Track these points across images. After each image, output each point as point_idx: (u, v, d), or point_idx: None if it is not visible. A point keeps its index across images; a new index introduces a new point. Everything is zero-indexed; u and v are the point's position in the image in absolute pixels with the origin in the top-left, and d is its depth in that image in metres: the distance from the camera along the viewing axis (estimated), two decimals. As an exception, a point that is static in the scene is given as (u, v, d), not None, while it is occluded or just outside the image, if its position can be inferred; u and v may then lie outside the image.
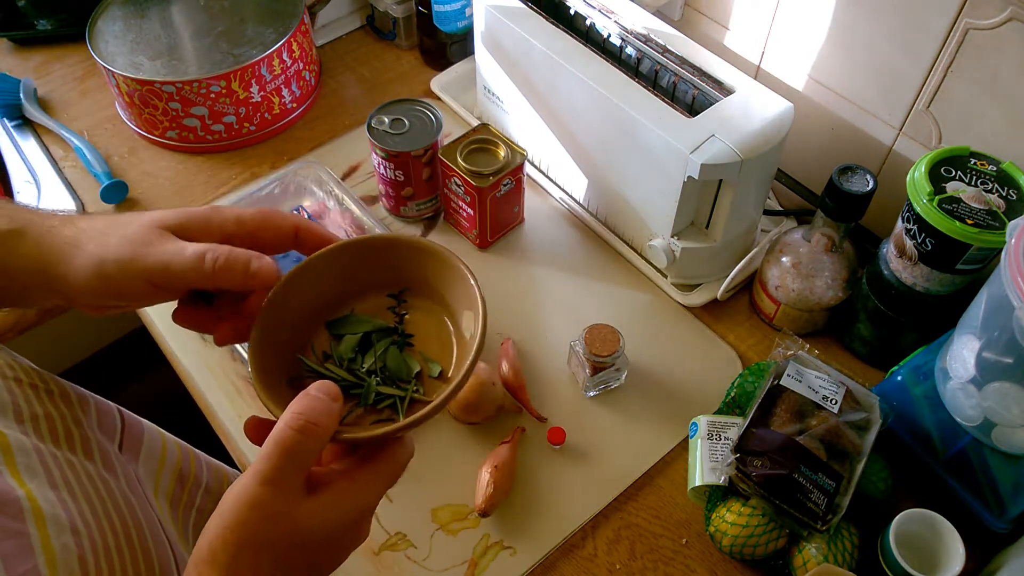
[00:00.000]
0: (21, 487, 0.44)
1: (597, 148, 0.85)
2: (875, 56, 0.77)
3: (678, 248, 0.82)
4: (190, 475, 0.69)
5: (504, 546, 0.71)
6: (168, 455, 0.67)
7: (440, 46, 1.10)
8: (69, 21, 1.16)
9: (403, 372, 0.50)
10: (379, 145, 0.87)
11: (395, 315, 0.53)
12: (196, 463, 0.70)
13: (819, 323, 0.83)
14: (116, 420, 0.61)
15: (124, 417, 0.63)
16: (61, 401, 0.55)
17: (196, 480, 0.70)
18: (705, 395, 0.79)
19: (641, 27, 0.85)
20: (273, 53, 0.98)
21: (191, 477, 0.69)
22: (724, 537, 0.66)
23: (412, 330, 0.52)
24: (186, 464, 0.69)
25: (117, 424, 0.61)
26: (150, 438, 0.65)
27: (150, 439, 0.65)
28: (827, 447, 0.65)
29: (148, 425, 0.66)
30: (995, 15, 0.66)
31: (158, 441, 0.66)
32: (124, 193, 0.97)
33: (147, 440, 0.65)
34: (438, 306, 0.53)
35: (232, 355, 0.83)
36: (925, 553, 0.64)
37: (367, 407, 0.48)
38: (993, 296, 0.62)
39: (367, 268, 0.52)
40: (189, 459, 0.70)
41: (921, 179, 0.68)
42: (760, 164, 0.75)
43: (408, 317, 0.52)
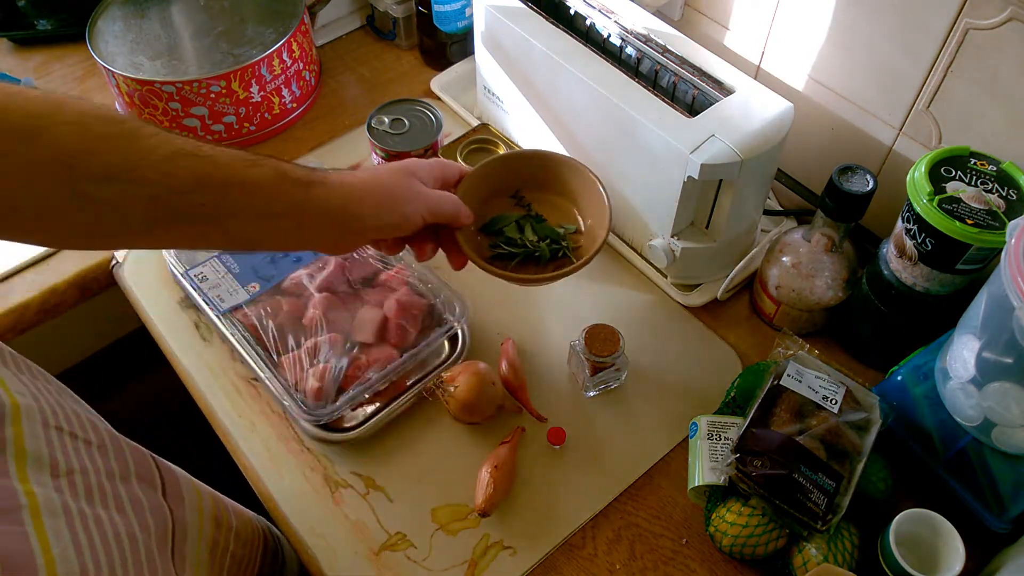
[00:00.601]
0: (45, 554, 0.43)
1: (597, 148, 0.85)
2: (875, 56, 0.77)
3: (678, 248, 0.82)
4: (224, 520, 0.69)
5: (504, 546, 0.71)
6: (203, 501, 0.66)
7: (440, 46, 1.10)
8: (69, 21, 1.16)
9: (554, 235, 0.74)
10: (379, 145, 0.86)
11: (523, 207, 0.76)
12: (225, 508, 0.70)
13: (819, 323, 0.83)
14: (153, 470, 0.60)
15: (160, 465, 0.62)
16: (99, 454, 0.53)
17: (228, 525, 0.70)
18: (705, 395, 0.79)
19: (641, 27, 0.85)
20: (273, 53, 0.98)
21: (224, 522, 0.69)
22: (724, 537, 0.66)
23: (539, 212, 0.76)
24: (219, 509, 0.69)
25: (156, 473, 0.60)
26: (187, 486, 0.65)
27: (187, 487, 0.64)
28: (827, 447, 0.65)
29: (181, 472, 0.65)
30: (995, 15, 0.66)
31: (192, 489, 0.66)
32: (124, 193, 0.97)
33: (184, 486, 0.64)
34: (554, 195, 0.76)
35: (232, 355, 0.83)
36: (925, 553, 0.64)
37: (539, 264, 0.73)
38: (993, 296, 0.62)
39: (510, 172, 0.76)
40: (220, 504, 0.70)
41: (921, 179, 0.68)
42: (760, 164, 0.75)
43: (534, 206, 0.76)
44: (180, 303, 0.87)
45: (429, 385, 0.76)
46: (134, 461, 0.57)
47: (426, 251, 0.66)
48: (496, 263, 0.70)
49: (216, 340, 0.84)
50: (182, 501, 0.62)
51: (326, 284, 0.82)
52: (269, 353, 0.78)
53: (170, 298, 0.88)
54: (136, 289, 0.89)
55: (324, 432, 0.75)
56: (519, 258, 0.73)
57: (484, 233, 0.74)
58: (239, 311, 0.80)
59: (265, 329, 0.79)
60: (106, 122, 0.49)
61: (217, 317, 0.80)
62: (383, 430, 0.77)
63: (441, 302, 0.82)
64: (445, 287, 0.82)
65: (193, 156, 0.51)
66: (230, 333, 0.79)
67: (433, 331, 0.80)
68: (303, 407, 0.74)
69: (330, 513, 0.73)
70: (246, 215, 0.54)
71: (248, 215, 0.54)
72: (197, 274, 0.83)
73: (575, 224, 0.75)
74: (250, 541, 0.73)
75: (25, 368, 0.53)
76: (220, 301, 0.81)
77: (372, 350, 0.78)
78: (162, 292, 0.88)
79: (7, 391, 0.48)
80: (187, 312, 0.87)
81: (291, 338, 0.78)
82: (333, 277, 0.83)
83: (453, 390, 0.74)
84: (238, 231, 0.55)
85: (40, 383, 0.54)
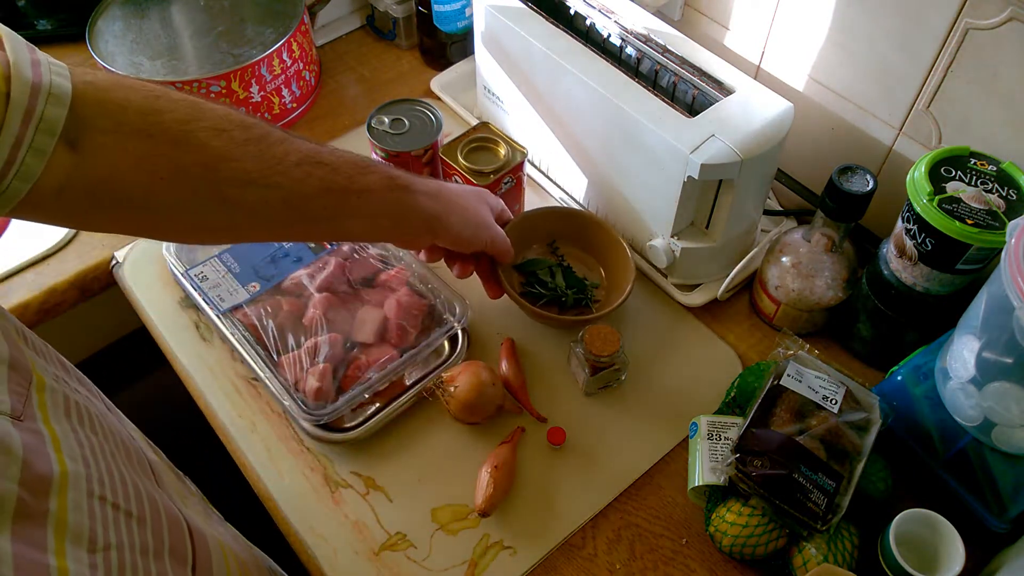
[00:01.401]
0: None
1: (597, 148, 0.85)
2: (875, 56, 0.77)
3: (678, 248, 0.82)
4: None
5: (504, 546, 0.71)
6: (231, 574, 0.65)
7: (440, 46, 1.10)
8: (69, 21, 1.16)
9: (580, 285, 0.85)
10: (379, 145, 0.86)
11: (556, 256, 0.88)
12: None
13: (819, 323, 0.83)
14: (187, 544, 0.57)
15: (195, 539, 0.58)
16: (137, 527, 0.51)
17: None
18: (705, 395, 0.79)
19: (641, 27, 0.85)
20: (273, 53, 0.98)
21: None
22: (724, 537, 0.66)
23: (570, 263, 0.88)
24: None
25: (188, 549, 0.57)
26: (217, 562, 0.61)
27: (217, 562, 0.61)
28: (827, 447, 0.65)
29: (210, 537, 0.64)
30: (995, 15, 0.66)
31: (220, 559, 0.64)
32: (124, 193, 0.97)
33: (215, 561, 0.62)
34: (583, 251, 0.89)
35: (232, 355, 0.83)
36: (925, 553, 0.64)
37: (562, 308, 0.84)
38: (993, 296, 0.62)
39: (551, 223, 0.88)
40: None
41: (921, 179, 0.68)
42: (760, 164, 0.75)
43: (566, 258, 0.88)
44: (180, 303, 0.87)
45: (429, 385, 0.76)
46: (170, 535, 0.55)
47: (468, 271, 0.76)
48: (525, 299, 0.81)
49: (216, 340, 0.84)
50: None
51: (326, 284, 0.82)
52: (269, 353, 0.78)
53: (170, 298, 0.88)
54: (136, 289, 0.89)
55: (324, 432, 0.75)
56: (546, 299, 0.84)
57: (518, 271, 0.87)
58: (239, 311, 0.80)
59: (265, 329, 0.79)
60: (243, 127, 0.54)
61: (217, 317, 0.80)
62: (383, 430, 0.77)
63: (441, 302, 0.82)
64: (445, 288, 0.82)
65: (318, 164, 0.58)
66: (230, 333, 0.79)
67: (433, 331, 0.80)
68: (303, 407, 0.74)
69: (330, 513, 0.73)
70: (359, 215, 0.62)
71: (361, 216, 0.62)
72: (197, 274, 0.83)
73: (600, 280, 0.87)
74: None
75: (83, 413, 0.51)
76: (220, 301, 0.81)
77: (372, 350, 0.78)
78: (162, 292, 0.88)
79: (59, 454, 0.45)
80: (187, 312, 0.87)
81: (291, 338, 0.78)
82: (333, 277, 0.83)
83: (453, 390, 0.74)
84: (349, 228, 0.64)
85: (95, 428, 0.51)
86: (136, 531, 0.51)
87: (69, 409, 0.50)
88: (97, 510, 0.48)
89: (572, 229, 0.88)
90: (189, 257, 0.86)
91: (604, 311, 0.80)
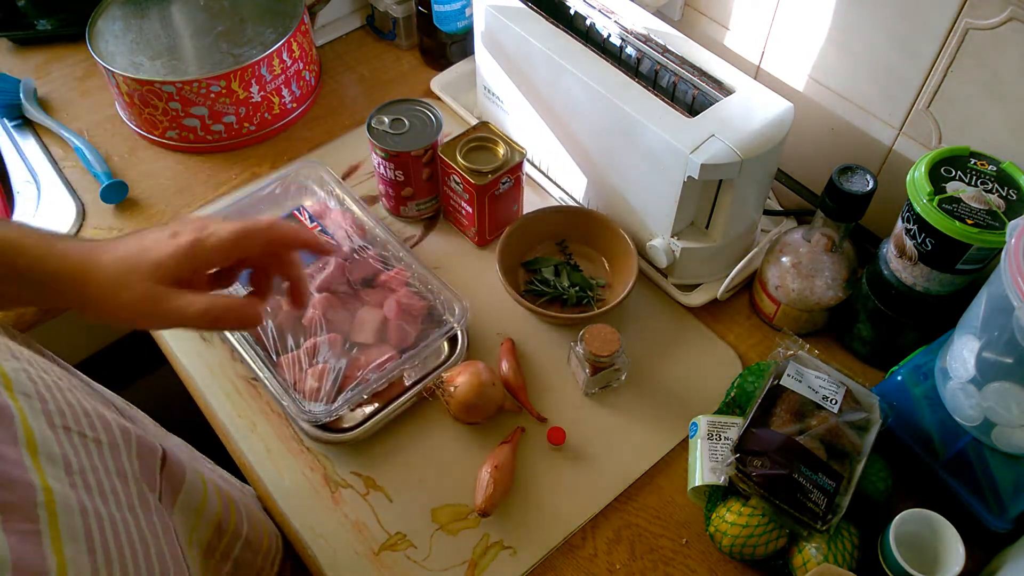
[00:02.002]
0: (56, 555, 0.43)
1: (597, 148, 0.85)
2: (875, 56, 0.77)
3: (678, 248, 0.82)
4: (230, 526, 0.68)
5: (504, 546, 0.71)
6: (208, 505, 0.65)
7: (440, 46, 1.10)
8: (69, 21, 1.16)
9: (585, 284, 0.86)
10: (379, 145, 0.86)
11: (564, 254, 0.90)
12: (236, 514, 0.69)
13: (819, 323, 0.83)
14: (157, 464, 0.59)
15: (167, 458, 0.61)
16: (110, 452, 0.53)
17: (236, 532, 0.68)
18: (705, 395, 0.79)
19: (641, 27, 0.85)
20: (273, 53, 0.98)
21: (231, 528, 0.68)
22: (724, 537, 0.66)
23: (577, 261, 0.89)
24: (226, 514, 0.67)
25: (158, 467, 0.59)
26: (191, 485, 0.63)
27: (191, 486, 0.63)
28: (827, 447, 0.65)
29: (191, 470, 0.64)
30: (995, 15, 0.66)
31: (199, 490, 0.64)
32: (124, 193, 0.97)
33: (187, 487, 0.63)
34: (593, 250, 0.90)
35: (232, 355, 0.83)
36: (925, 553, 0.64)
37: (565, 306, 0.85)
38: (993, 296, 0.62)
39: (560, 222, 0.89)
40: (229, 510, 0.68)
41: (921, 179, 0.68)
42: (760, 164, 0.75)
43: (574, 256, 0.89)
44: (180, 303, 0.87)
45: (429, 385, 0.76)
46: (140, 459, 0.57)
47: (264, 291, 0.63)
48: (527, 297, 0.83)
49: (216, 340, 0.84)
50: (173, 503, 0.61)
51: (326, 284, 0.82)
52: (269, 353, 0.78)
53: (170, 298, 0.87)
54: (136, 289, 0.88)
55: (324, 432, 0.75)
56: (547, 297, 0.85)
57: (525, 268, 0.88)
58: (239, 311, 0.80)
59: (265, 329, 0.79)
60: None
61: (217, 317, 0.80)
62: (383, 430, 0.77)
63: (441, 303, 0.82)
64: (445, 288, 0.82)
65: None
66: (230, 333, 0.79)
67: (433, 332, 0.80)
68: (302, 407, 0.74)
69: (330, 513, 0.73)
70: None
71: None
72: (197, 274, 0.83)
73: (606, 279, 0.88)
74: (260, 548, 0.72)
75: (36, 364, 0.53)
76: (220, 301, 0.81)
77: (371, 351, 0.78)
78: (162, 292, 0.88)
79: (10, 392, 0.47)
80: (187, 312, 0.86)
81: (291, 338, 0.78)
82: (333, 277, 0.83)
83: (453, 390, 0.74)
84: None
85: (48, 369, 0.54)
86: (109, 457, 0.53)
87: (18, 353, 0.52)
88: (64, 438, 0.50)
89: (582, 228, 0.89)
90: (189, 257, 0.86)
91: (602, 309, 0.81)
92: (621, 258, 0.86)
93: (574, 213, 0.90)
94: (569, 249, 0.90)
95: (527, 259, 0.89)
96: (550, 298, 0.85)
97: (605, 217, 0.87)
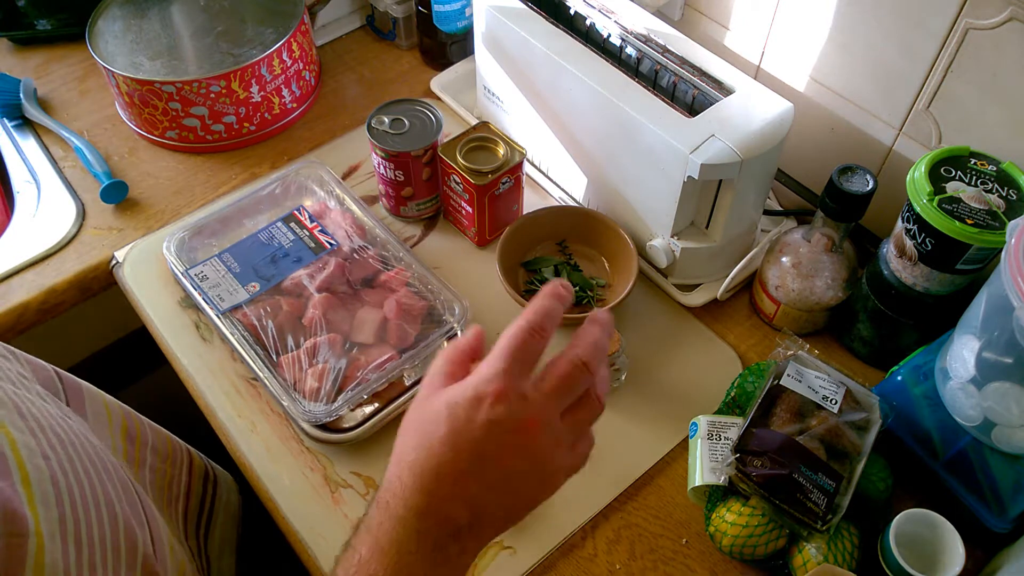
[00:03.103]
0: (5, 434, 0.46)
1: (597, 148, 0.85)
2: (875, 56, 0.77)
3: (678, 248, 0.82)
4: (136, 434, 0.69)
5: (504, 546, 0.71)
6: (113, 416, 0.67)
7: (440, 46, 1.10)
8: (69, 21, 1.16)
9: (585, 284, 0.86)
10: (379, 145, 0.86)
11: (564, 254, 0.90)
12: (139, 423, 0.71)
13: (819, 323, 0.83)
14: (56, 382, 0.63)
15: (63, 378, 0.64)
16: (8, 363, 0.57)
17: (143, 439, 0.70)
18: (705, 395, 0.79)
19: (641, 27, 0.85)
20: (273, 53, 0.98)
21: (138, 436, 0.70)
22: (724, 537, 0.66)
23: (577, 261, 0.89)
24: (131, 425, 0.69)
25: (58, 385, 0.63)
26: (91, 398, 0.66)
27: (91, 399, 0.66)
28: (827, 447, 0.65)
29: (87, 387, 0.66)
30: (995, 15, 0.66)
31: (100, 402, 0.67)
32: (124, 193, 0.97)
33: (89, 400, 0.65)
34: (593, 250, 0.90)
35: (232, 355, 0.83)
36: (925, 553, 0.64)
37: None
38: (993, 296, 0.62)
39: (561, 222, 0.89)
40: (132, 421, 0.70)
41: (921, 179, 0.68)
42: (760, 164, 0.75)
43: (574, 256, 0.90)
44: (180, 303, 0.87)
45: (429, 385, 0.76)
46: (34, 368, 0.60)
47: None
48: (527, 297, 0.83)
49: (216, 340, 0.84)
50: (85, 415, 0.64)
51: (326, 284, 0.82)
52: (269, 353, 0.78)
53: (170, 298, 0.88)
54: (136, 289, 0.88)
55: (324, 432, 0.75)
56: None
57: (525, 268, 0.88)
58: (239, 311, 0.80)
59: (265, 329, 0.79)
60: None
61: (217, 317, 0.80)
62: (383, 430, 0.77)
63: (441, 303, 0.82)
64: (445, 288, 0.82)
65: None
66: (230, 333, 0.79)
67: (432, 332, 0.80)
68: (302, 407, 0.74)
69: (330, 513, 0.73)
70: None
71: None
72: (197, 273, 0.83)
73: (606, 279, 0.88)
74: (170, 457, 0.73)
75: None
76: (220, 301, 0.81)
77: (371, 351, 0.78)
78: (162, 292, 0.88)
79: None
80: (187, 312, 0.86)
81: (291, 338, 0.78)
82: (333, 277, 0.83)
83: (453, 390, 0.74)
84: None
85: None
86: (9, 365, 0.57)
87: None
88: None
89: (582, 228, 0.89)
90: (189, 257, 0.86)
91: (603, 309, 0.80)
92: (621, 258, 0.86)
93: (574, 213, 0.90)
94: (569, 249, 0.90)
95: (527, 259, 0.89)
96: None
97: (605, 217, 0.87)
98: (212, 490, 0.78)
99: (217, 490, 0.79)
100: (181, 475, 0.74)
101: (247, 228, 0.89)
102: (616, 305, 0.80)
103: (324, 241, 0.86)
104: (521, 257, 0.89)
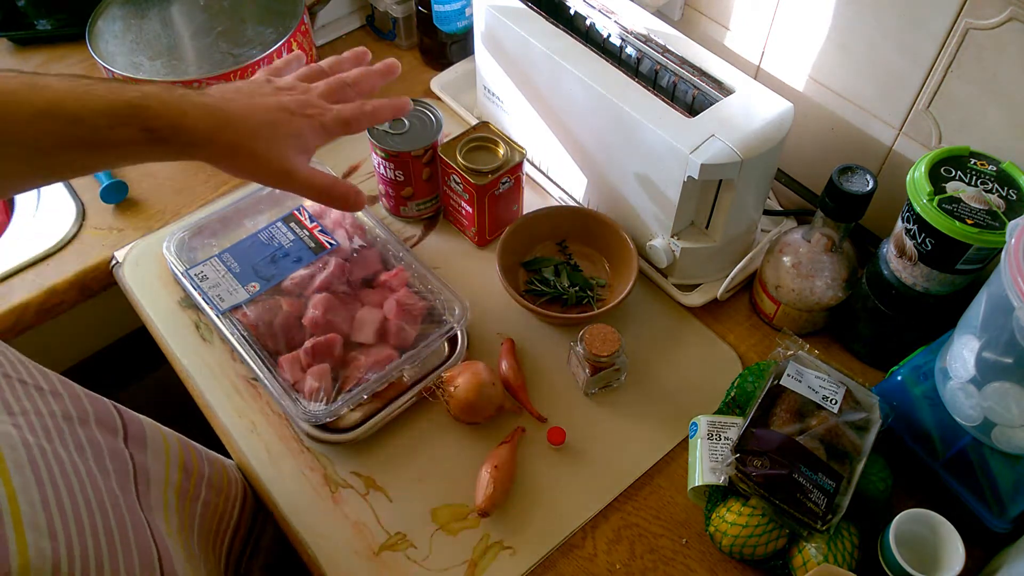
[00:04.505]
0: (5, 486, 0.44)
1: (597, 148, 0.85)
2: (875, 56, 0.77)
3: (678, 248, 0.82)
4: (193, 468, 0.70)
5: (504, 546, 0.71)
6: (171, 450, 0.67)
7: (440, 46, 1.10)
8: (69, 21, 1.16)
9: (585, 284, 0.86)
10: (379, 145, 0.86)
11: (564, 254, 0.90)
12: (197, 455, 0.71)
13: (819, 323, 0.83)
14: (115, 416, 0.62)
15: (122, 413, 0.63)
16: (52, 399, 0.55)
17: (199, 472, 0.70)
18: (705, 395, 0.79)
19: (641, 27, 0.85)
20: (273, 53, 0.98)
21: (195, 470, 0.70)
22: (724, 537, 0.66)
23: (577, 261, 0.89)
24: (188, 457, 0.70)
25: (117, 419, 0.62)
26: (152, 435, 0.66)
27: (152, 435, 0.65)
28: (827, 447, 0.65)
29: (147, 421, 0.66)
30: (995, 15, 0.66)
31: (158, 436, 0.67)
32: (124, 193, 0.97)
33: (149, 435, 0.65)
34: (594, 250, 0.90)
35: (232, 355, 0.83)
36: (925, 553, 0.64)
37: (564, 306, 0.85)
38: (993, 296, 0.62)
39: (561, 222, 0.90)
40: (190, 452, 0.70)
41: (921, 179, 0.68)
42: (760, 164, 0.75)
43: (574, 256, 0.90)
44: (180, 303, 0.87)
45: (429, 385, 0.76)
46: (92, 407, 0.59)
47: None
48: (527, 297, 0.84)
49: (216, 340, 0.84)
50: (144, 447, 0.64)
51: (326, 284, 0.82)
52: (269, 353, 0.78)
53: (170, 298, 0.88)
54: (136, 289, 0.89)
55: (324, 432, 0.75)
56: (547, 297, 0.85)
57: (525, 268, 0.88)
58: (239, 311, 0.80)
59: (265, 329, 0.79)
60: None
61: (217, 317, 0.80)
62: (383, 430, 0.77)
63: (441, 303, 0.82)
64: (445, 288, 0.82)
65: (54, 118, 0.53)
66: (230, 333, 0.79)
67: (432, 332, 0.80)
68: (302, 407, 0.74)
69: (330, 513, 0.73)
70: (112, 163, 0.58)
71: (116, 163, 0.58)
72: (197, 273, 0.83)
73: (606, 279, 0.88)
74: (224, 491, 0.73)
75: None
76: (220, 301, 0.81)
77: (371, 351, 0.78)
78: (162, 292, 0.88)
79: None
80: (187, 312, 0.87)
81: (291, 338, 0.78)
82: (333, 277, 0.83)
83: (453, 390, 0.74)
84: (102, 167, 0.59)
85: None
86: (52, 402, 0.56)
87: None
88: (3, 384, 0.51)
89: (582, 228, 0.89)
90: (189, 257, 0.86)
91: (602, 309, 0.81)
92: (621, 258, 0.86)
93: (574, 213, 0.90)
94: (569, 249, 0.90)
95: (527, 259, 0.89)
96: (550, 298, 0.85)
97: (605, 217, 0.87)
98: (261, 523, 0.79)
99: (266, 525, 0.80)
100: (233, 510, 0.74)
101: (247, 228, 0.89)
102: (616, 305, 0.80)
103: (324, 241, 0.86)
104: (521, 257, 0.89)
